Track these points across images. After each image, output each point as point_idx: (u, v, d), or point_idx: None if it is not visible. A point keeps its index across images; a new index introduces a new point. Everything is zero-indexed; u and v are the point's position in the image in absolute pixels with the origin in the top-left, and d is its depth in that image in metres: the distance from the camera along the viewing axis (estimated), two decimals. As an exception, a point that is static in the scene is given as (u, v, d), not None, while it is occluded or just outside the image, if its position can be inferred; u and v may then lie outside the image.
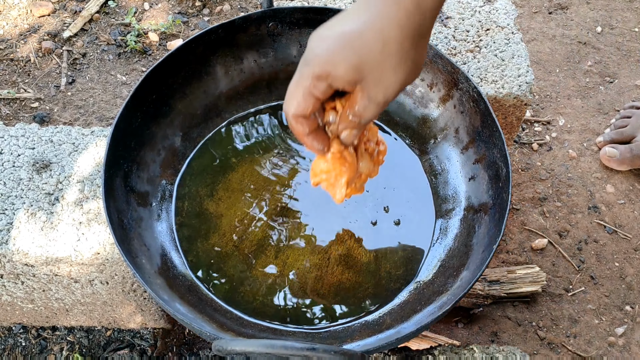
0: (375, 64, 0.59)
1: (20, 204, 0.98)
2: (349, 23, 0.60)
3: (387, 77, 0.60)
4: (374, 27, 0.58)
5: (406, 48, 0.59)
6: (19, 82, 1.60)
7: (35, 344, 1.23)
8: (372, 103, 0.63)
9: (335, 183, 0.75)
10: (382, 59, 0.59)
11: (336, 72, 0.60)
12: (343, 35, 0.59)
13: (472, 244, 0.90)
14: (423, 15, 0.59)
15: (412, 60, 0.60)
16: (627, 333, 1.25)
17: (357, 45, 0.59)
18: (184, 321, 0.77)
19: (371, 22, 0.58)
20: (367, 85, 0.61)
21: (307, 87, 0.62)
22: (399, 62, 0.60)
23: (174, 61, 0.97)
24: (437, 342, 1.11)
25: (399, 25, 0.58)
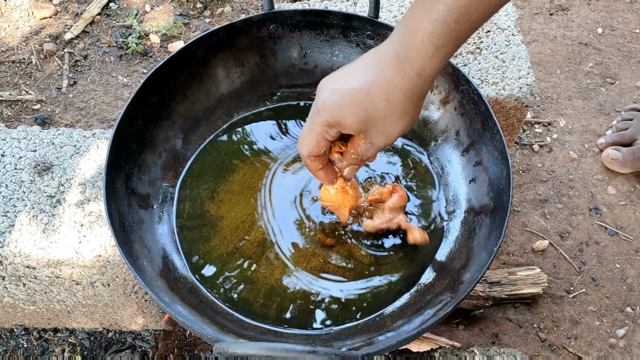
0: (379, 119, 0.69)
1: (22, 206, 0.98)
2: (358, 80, 0.69)
3: (389, 129, 0.70)
4: (381, 89, 0.67)
5: (407, 108, 0.69)
6: (21, 84, 1.61)
7: (37, 346, 1.23)
8: (373, 147, 0.73)
9: (340, 209, 0.90)
10: (386, 116, 0.69)
11: (345, 123, 0.69)
12: (352, 92, 0.68)
13: (472, 246, 0.91)
14: (423, 81, 0.67)
15: (411, 116, 0.70)
16: (628, 335, 1.25)
17: (364, 102, 0.68)
18: (185, 323, 0.77)
19: (378, 84, 0.67)
20: (371, 134, 0.71)
21: (320, 132, 0.72)
22: (400, 118, 0.69)
23: (175, 63, 0.98)
24: (438, 344, 1.11)
25: (402, 90, 0.67)
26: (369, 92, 0.68)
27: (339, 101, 0.69)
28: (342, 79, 0.70)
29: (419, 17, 0.65)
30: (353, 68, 0.71)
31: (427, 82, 0.68)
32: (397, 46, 0.67)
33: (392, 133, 0.71)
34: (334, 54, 1.07)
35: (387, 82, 0.67)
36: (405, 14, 0.67)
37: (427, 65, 0.66)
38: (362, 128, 0.70)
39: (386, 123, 0.69)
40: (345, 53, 1.07)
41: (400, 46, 0.67)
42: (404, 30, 0.67)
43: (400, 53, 0.67)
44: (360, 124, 0.69)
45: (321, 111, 0.70)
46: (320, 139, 0.73)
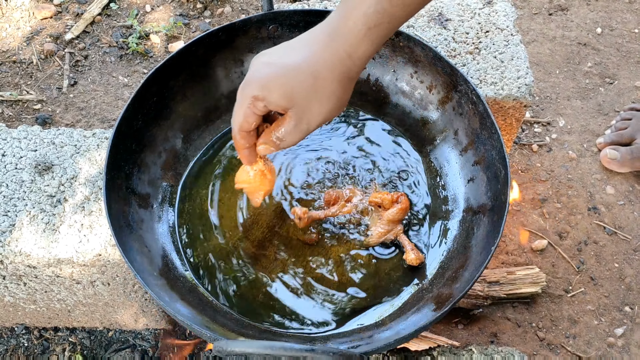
0: (304, 95, 0.67)
1: (23, 206, 0.99)
2: (290, 56, 0.68)
3: (314, 108, 0.69)
4: (310, 64, 0.67)
5: (333, 87, 0.67)
6: (22, 84, 1.61)
7: (38, 345, 1.23)
8: (295, 129, 0.71)
9: (255, 192, 0.87)
10: (312, 92, 0.67)
11: (270, 96, 0.68)
12: (282, 65, 0.68)
13: (471, 245, 0.91)
14: (353, 62, 0.67)
15: (338, 97, 0.69)
16: (626, 334, 1.26)
17: (292, 77, 0.67)
18: (185, 322, 0.77)
19: (308, 60, 0.67)
20: (295, 113, 0.69)
21: (248, 105, 0.70)
22: (326, 98, 0.68)
23: (174, 64, 0.98)
24: (437, 342, 1.11)
25: (330, 68, 0.66)
26: (298, 67, 0.67)
27: (267, 74, 0.68)
28: (273, 53, 0.70)
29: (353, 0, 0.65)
30: (287, 44, 0.70)
31: (357, 64, 0.67)
32: (331, 24, 0.67)
33: (316, 114, 0.69)
34: (333, 54, 1.07)
35: (316, 59, 0.67)
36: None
37: (359, 46, 0.66)
38: (287, 104, 0.68)
39: (312, 102, 0.68)
40: (344, 53, 1.07)
41: (333, 25, 0.66)
42: (340, 10, 0.66)
43: (333, 31, 0.66)
44: (286, 100, 0.68)
45: (249, 84, 0.69)
46: (248, 113, 0.71)
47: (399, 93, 1.05)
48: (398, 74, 1.05)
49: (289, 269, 0.91)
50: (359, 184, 0.99)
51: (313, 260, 0.92)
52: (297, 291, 0.89)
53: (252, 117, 0.71)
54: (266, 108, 0.70)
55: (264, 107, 0.70)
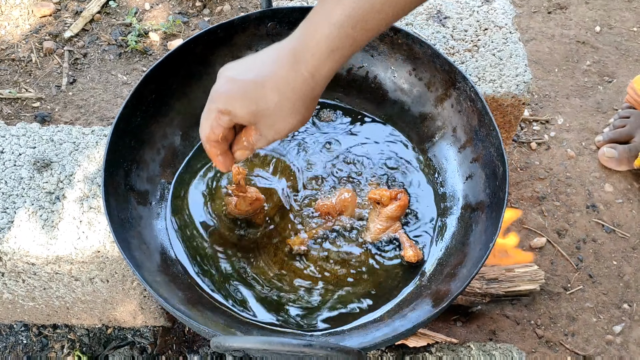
0: (269, 113, 0.70)
1: (22, 203, 0.99)
2: (253, 72, 0.70)
3: (279, 125, 0.71)
4: (274, 84, 0.69)
5: (297, 106, 0.70)
6: (21, 81, 1.61)
7: (37, 342, 1.23)
8: (263, 138, 0.74)
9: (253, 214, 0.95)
10: (276, 111, 0.70)
11: (235, 112, 0.71)
12: (246, 83, 0.70)
13: (469, 242, 0.91)
14: (316, 82, 0.69)
15: (301, 114, 0.71)
16: (624, 331, 1.26)
17: (256, 95, 0.69)
18: (183, 319, 0.77)
19: (272, 79, 0.69)
20: (261, 127, 0.72)
21: (214, 118, 0.73)
22: (290, 115, 0.70)
23: (173, 61, 0.98)
24: (435, 339, 1.12)
25: (294, 89, 0.68)
26: (262, 85, 0.69)
27: (232, 90, 0.70)
28: (239, 68, 0.72)
29: (318, 18, 0.67)
30: (252, 59, 0.72)
31: (319, 83, 0.69)
32: (295, 44, 0.68)
33: (281, 129, 0.72)
34: (332, 52, 1.07)
35: (280, 78, 0.68)
36: (309, 13, 0.69)
37: (321, 67, 0.67)
38: (252, 120, 0.71)
39: (276, 118, 0.70)
40: (343, 51, 1.07)
41: (298, 44, 0.68)
42: (304, 30, 0.68)
43: (297, 52, 0.68)
44: (250, 116, 0.70)
45: (214, 98, 0.72)
46: (214, 125, 0.73)
47: (397, 90, 1.05)
48: (397, 71, 1.05)
49: (288, 265, 0.91)
50: (355, 181, 0.99)
51: (312, 256, 0.92)
52: (296, 288, 0.89)
53: (218, 128, 0.74)
54: (232, 122, 0.73)
55: (229, 121, 0.72)
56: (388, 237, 0.94)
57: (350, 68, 1.08)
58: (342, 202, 0.94)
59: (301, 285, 0.89)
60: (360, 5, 0.65)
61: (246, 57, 0.74)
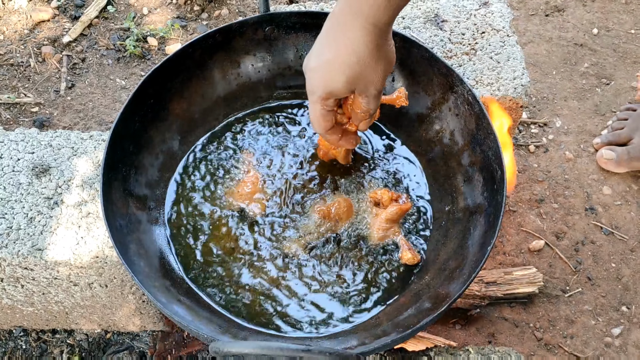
0: (359, 73, 0.77)
1: (20, 208, 0.99)
2: (327, 50, 0.77)
3: (372, 77, 0.78)
4: (348, 50, 0.75)
5: (375, 54, 0.76)
6: (19, 86, 1.62)
7: (36, 347, 1.23)
8: (370, 97, 0.81)
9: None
10: (363, 68, 0.77)
11: (335, 90, 0.78)
12: (328, 63, 0.77)
13: (467, 246, 0.91)
14: (380, 30, 0.74)
15: (384, 57, 0.78)
16: (623, 334, 1.26)
17: (341, 67, 0.76)
18: (182, 324, 0.77)
19: (345, 47, 0.75)
20: (361, 88, 0.79)
21: (321, 108, 0.81)
22: (376, 64, 0.77)
23: (171, 66, 0.98)
24: (434, 343, 1.12)
25: (365, 43, 0.75)
26: (340, 56, 0.76)
27: (321, 75, 0.78)
28: (316, 55, 0.79)
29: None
30: (322, 40, 0.78)
31: (384, 30, 0.75)
32: (351, 5, 0.73)
33: (376, 79, 0.78)
34: (330, 56, 1.07)
35: (351, 41, 0.74)
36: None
37: (382, 16, 0.72)
38: (351, 87, 0.78)
39: (367, 73, 0.77)
40: (340, 55, 1.07)
41: (353, 5, 0.73)
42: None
43: (356, 10, 0.73)
44: (348, 84, 0.77)
45: (312, 91, 0.80)
46: (324, 114, 0.82)
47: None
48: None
49: (287, 269, 0.91)
50: (355, 183, 0.99)
51: (309, 260, 0.92)
52: (293, 292, 0.89)
53: (329, 115, 0.83)
54: (337, 101, 0.82)
55: (333, 102, 0.81)
56: (387, 240, 0.94)
57: (348, 72, 1.08)
58: (338, 209, 0.94)
59: (299, 289, 0.89)
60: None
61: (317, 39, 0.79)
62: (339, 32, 0.76)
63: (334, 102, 0.81)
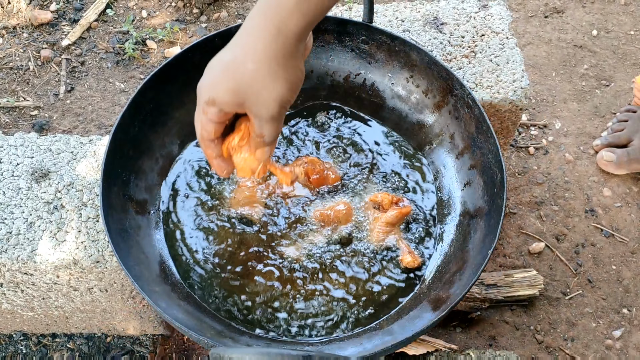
0: (250, 84, 0.65)
1: (20, 213, 0.99)
2: (228, 54, 0.66)
3: (264, 95, 0.66)
4: (245, 52, 0.65)
5: (274, 68, 0.64)
6: (18, 90, 1.61)
7: (36, 351, 1.23)
8: (261, 121, 0.68)
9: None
10: (255, 80, 0.65)
11: (219, 98, 0.66)
12: (221, 64, 0.66)
13: (468, 249, 0.91)
14: (285, 37, 0.64)
15: (284, 78, 0.65)
16: (624, 336, 1.26)
17: (232, 71, 0.65)
18: (182, 329, 0.77)
19: (243, 50, 0.65)
20: (250, 105, 0.67)
21: (202, 114, 0.69)
22: (271, 81, 0.65)
23: (171, 70, 0.98)
24: (435, 346, 1.11)
25: (264, 49, 0.64)
26: (236, 60, 0.65)
27: (211, 78, 0.67)
28: (217, 55, 0.68)
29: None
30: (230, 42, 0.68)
31: (290, 39, 0.64)
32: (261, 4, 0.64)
33: (269, 100, 0.66)
34: (329, 59, 1.08)
35: (250, 44, 0.64)
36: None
37: (288, 21, 0.63)
38: (237, 99, 0.66)
39: (259, 89, 0.65)
40: (340, 58, 1.07)
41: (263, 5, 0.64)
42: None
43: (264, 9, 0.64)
44: (234, 95, 0.65)
45: (198, 92, 0.69)
46: (204, 120, 0.69)
47: (395, 97, 1.06)
48: (394, 78, 1.05)
49: (286, 273, 0.91)
50: (354, 189, 0.99)
51: (309, 264, 0.92)
52: (293, 297, 0.89)
53: (208, 124, 0.70)
54: (222, 112, 0.68)
55: (219, 112, 0.68)
56: (387, 243, 0.94)
57: (347, 75, 1.08)
58: (337, 213, 0.94)
59: (299, 294, 0.89)
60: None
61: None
62: (244, 32, 0.65)
63: (218, 112, 0.68)
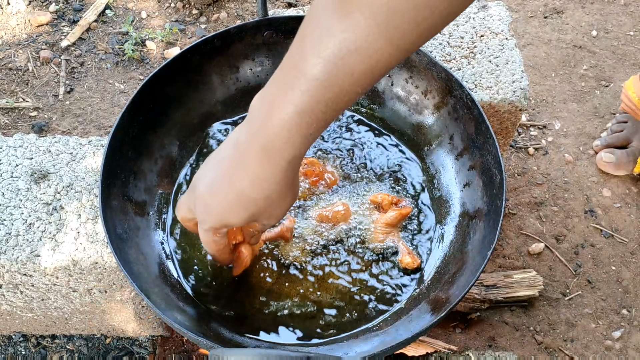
0: (263, 211, 0.70)
1: (19, 215, 0.99)
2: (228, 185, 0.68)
3: (277, 212, 0.72)
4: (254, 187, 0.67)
5: (284, 192, 0.69)
6: (18, 91, 1.61)
7: (35, 353, 1.23)
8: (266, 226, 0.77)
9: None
10: (268, 206, 0.70)
11: (231, 223, 0.72)
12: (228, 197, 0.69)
13: (467, 250, 0.91)
14: (295, 165, 0.67)
15: (292, 192, 0.71)
16: (624, 337, 1.26)
17: (244, 204, 0.69)
18: (181, 330, 0.77)
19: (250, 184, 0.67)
20: (262, 220, 0.73)
21: (212, 237, 0.75)
22: (282, 200, 0.70)
23: (170, 71, 0.98)
24: (435, 347, 1.11)
25: (276, 181, 0.67)
26: (245, 192, 0.68)
27: (218, 207, 0.70)
28: (211, 182, 0.70)
29: (283, 106, 0.62)
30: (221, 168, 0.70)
31: (297, 164, 0.68)
32: (261, 138, 0.64)
33: (279, 214, 0.73)
34: (329, 60, 1.07)
35: (260, 179, 0.67)
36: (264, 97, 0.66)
37: (297, 152, 0.65)
38: (249, 221, 0.71)
39: (273, 209, 0.71)
40: (339, 59, 1.07)
41: (265, 139, 0.64)
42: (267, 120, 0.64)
43: (267, 146, 0.64)
44: (247, 220, 0.71)
45: (204, 220, 0.72)
46: (217, 241, 0.76)
47: (394, 98, 1.06)
48: (393, 79, 1.05)
49: (286, 276, 0.91)
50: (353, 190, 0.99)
51: (308, 265, 0.91)
52: (292, 298, 0.89)
53: (222, 241, 0.77)
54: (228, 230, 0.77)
55: (227, 232, 0.76)
56: (386, 244, 0.94)
57: (347, 76, 1.08)
58: (336, 213, 0.94)
59: (297, 295, 0.89)
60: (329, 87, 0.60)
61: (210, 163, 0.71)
62: (247, 166, 0.67)
63: (226, 232, 0.76)
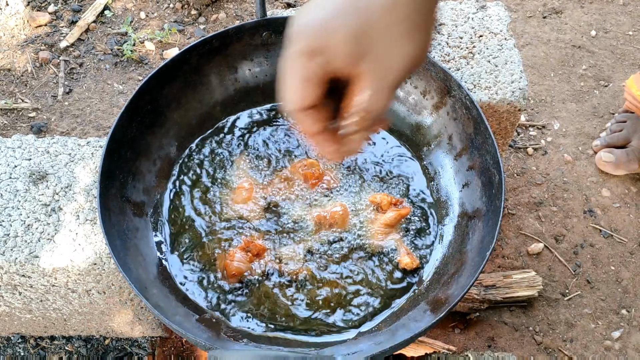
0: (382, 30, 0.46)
1: (17, 215, 0.98)
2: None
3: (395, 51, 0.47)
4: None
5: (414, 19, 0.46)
6: (16, 92, 1.61)
7: (34, 354, 1.23)
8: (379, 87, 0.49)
9: None
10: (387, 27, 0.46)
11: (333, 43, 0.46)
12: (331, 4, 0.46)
13: (466, 250, 0.91)
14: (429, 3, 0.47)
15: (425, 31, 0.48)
16: (623, 337, 1.26)
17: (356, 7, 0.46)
18: (179, 331, 0.77)
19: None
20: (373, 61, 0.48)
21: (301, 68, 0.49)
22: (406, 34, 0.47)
23: (168, 71, 0.98)
24: (434, 347, 1.11)
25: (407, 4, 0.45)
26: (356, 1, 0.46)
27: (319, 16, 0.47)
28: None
29: None
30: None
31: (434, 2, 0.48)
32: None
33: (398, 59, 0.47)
34: (327, 60, 1.07)
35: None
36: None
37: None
38: (358, 50, 0.47)
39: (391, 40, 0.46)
40: (338, 59, 1.07)
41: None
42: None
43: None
44: (355, 44, 0.46)
45: (298, 36, 0.48)
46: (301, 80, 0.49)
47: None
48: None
49: (285, 277, 0.91)
50: (352, 191, 0.99)
51: (307, 265, 0.91)
52: (291, 299, 0.89)
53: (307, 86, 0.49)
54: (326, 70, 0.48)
55: (325, 64, 0.48)
56: (385, 244, 0.94)
57: (345, 76, 1.08)
58: (334, 214, 0.94)
59: (297, 296, 0.89)
60: None
61: None
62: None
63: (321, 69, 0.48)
